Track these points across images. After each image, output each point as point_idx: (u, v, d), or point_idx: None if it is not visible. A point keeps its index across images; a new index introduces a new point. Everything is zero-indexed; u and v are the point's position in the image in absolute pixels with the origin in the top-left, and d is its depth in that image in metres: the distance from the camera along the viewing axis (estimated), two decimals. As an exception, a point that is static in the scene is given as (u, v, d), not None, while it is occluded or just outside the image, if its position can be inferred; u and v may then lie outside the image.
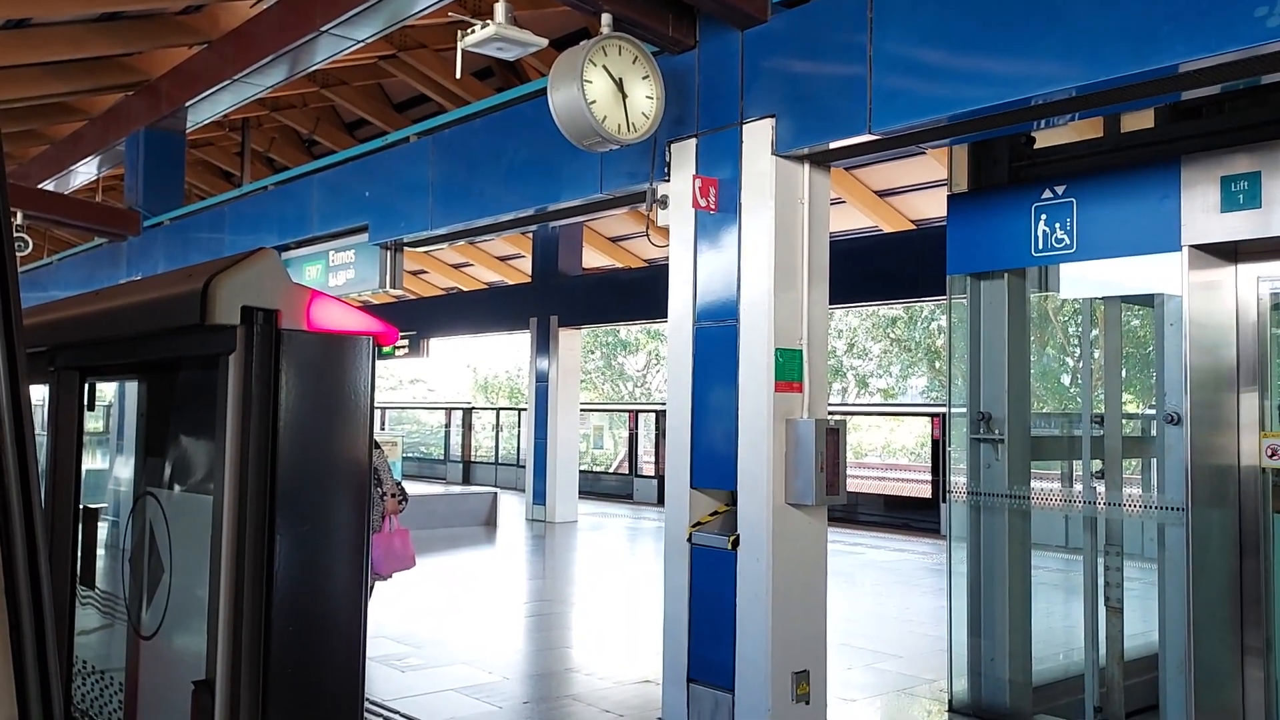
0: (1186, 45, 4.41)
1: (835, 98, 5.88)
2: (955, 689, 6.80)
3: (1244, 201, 5.43)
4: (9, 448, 1.24)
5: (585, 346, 32.81)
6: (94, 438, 3.57)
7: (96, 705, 3.33)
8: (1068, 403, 9.21)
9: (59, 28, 12.90)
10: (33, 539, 1.26)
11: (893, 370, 38.01)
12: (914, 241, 14.02)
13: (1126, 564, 6.41)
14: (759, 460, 6.12)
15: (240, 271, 2.42)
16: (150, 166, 14.52)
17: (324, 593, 2.54)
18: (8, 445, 1.24)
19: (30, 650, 1.25)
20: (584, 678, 7.69)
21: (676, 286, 6.70)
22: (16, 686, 1.24)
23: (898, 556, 14.49)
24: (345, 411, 2.57)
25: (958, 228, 6.83)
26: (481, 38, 6.09)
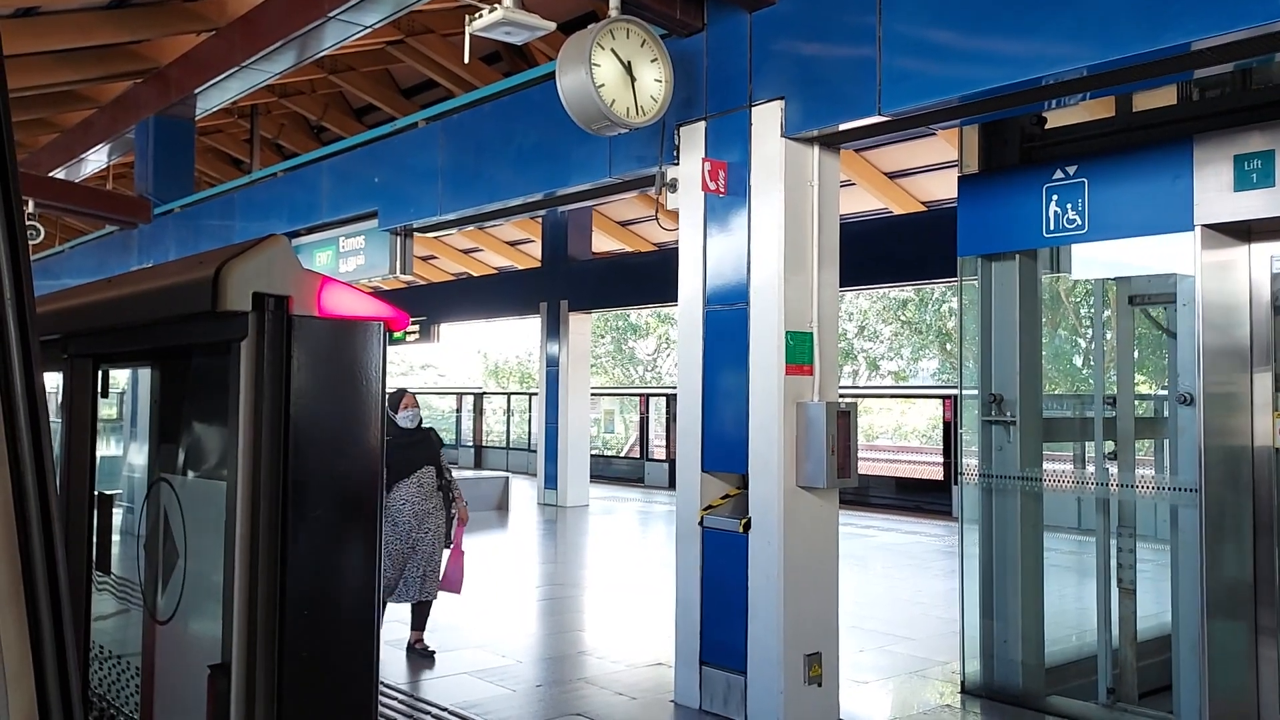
0: (1198, 23, 4.38)
1: (845, 79, 5.85)
2: (968, 671, 6.80)
3: (1257, 180, 5.39)
4: (24, 435, 1.25)
5: (595, 331, 32.85)
6: (108, 424, 3.59)
7: (114, 690, 3.36)
8: (1080, 384, 9.19)
9: (67, 15, 12.91)
10: (48, 525, 1.26)
11: (904, 353, 37.92)
12: (924, 223, 13.97)
13: (1139, 545, 6.39)
14: (770, 443, 6.12)
15: (251, 258, 2.43)
16: (160, 154, 14.54)
17: (338, 577, 2.55)
18: (23, 432, 1.24)
19: (48, 635, 1.25)
20: (596, 661, 7.71)
21: (686, 270, 6.70)
22: (35, 671, 1.25)
23: (909, 539, 14.48)
24: (357, 397, 2.57)
25: (969, 209, 6.81)
26: (489, 22, 6.07)
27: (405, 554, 7.58)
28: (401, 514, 7.61)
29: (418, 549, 7.62)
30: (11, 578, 1.24)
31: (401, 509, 7.60)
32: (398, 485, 7.61)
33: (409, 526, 7.60)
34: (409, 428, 7.79)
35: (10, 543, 1.24)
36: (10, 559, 1.24)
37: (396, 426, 7.71)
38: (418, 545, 7.62)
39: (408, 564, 7.60)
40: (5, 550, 1.24)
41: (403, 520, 7.61)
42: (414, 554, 7.61)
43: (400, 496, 7.62)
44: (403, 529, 7.58)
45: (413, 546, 7.61)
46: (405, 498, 7.63)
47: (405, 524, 7.61)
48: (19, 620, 1.24)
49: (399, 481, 7.61)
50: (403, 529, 7.58)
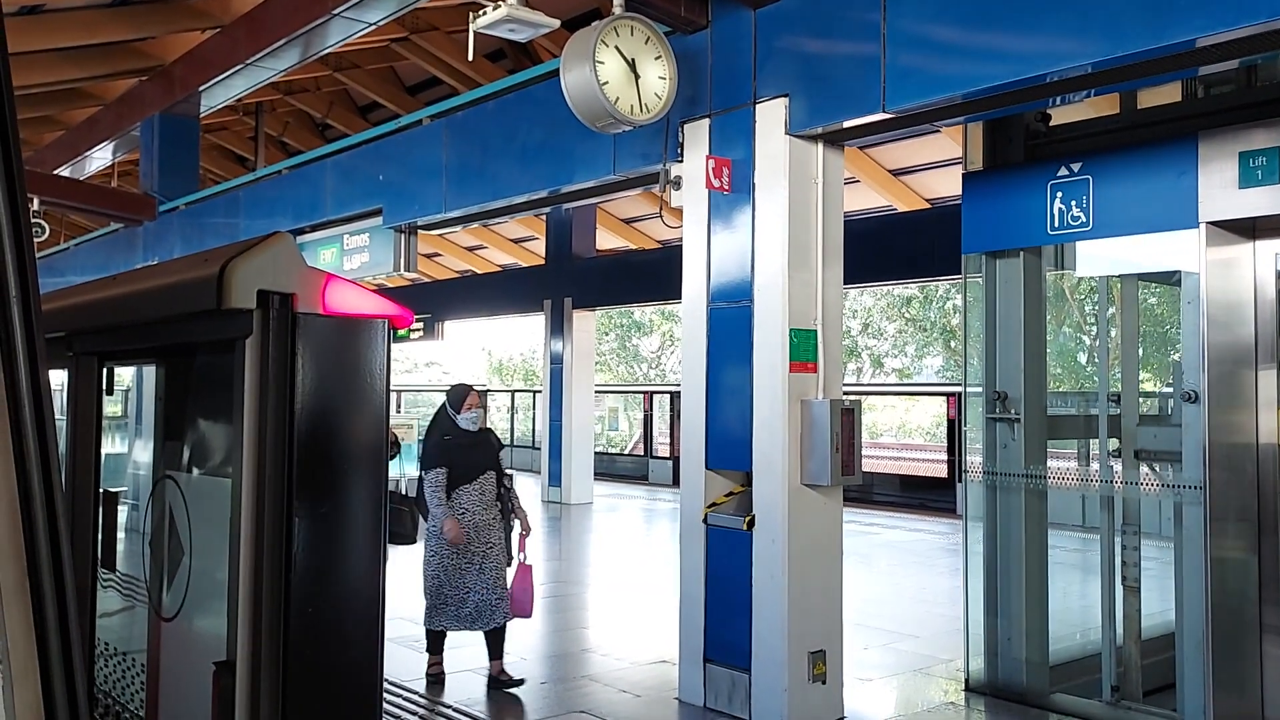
0: (1203, 20, 4.38)
1: (849, 76, 5.85)
2: (972, 669, 6.80)
3: (1262, 177, 5.39)
4: (29, 432, 1.25)
5: (599, 328, 32.80)
6: (113, 422, 3.59)
7: (119, 686, 3.36)
8: (1084, 381, 9.19)
9: (72, 13, 12.91)
10: (54, 523, 1.27)
11: (908, 350, 37.88)
12: (929, 220, 13.96)
13: (1144, 543, 6.39)
14: (774, 441, 6.12)
15: (256, 256, 2.43)
16: (165, 151, 14.56)
17: (343, 574, 2.55)
18: (28, 429, 1.25)
19: (53, 632, 1.26)
20: (600, 658, 7.72)
21: (690, 267, 6.70)
22: (40, 668, 1.25)
23: (914, 536, 14.48)
24: (361, 394, 2.57)
25: (973, 206, 6.80)
26: (493, 19, 6.07)
27: (462, 569, 6.76)
28: (461, 525, 6.82)
29: (484, 567, 6.80)
30: (17, 575, 1.25)
31: (460, 519, 6.80)
32: (458, 492, 6.84)
33: (468, 539, 6.81)
34: (470, 429, 7.01)
35: (16, 540, 1.24)
36: (16, 556, 1.24)
37: (457, 427, 6.97)
38: (484, 563, 6.80)
39: (472, 584, 6.79)
40: (11, 547, 1.24)
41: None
42: (480, 573, 6.79)
43: (460, 505, 6.82)
44: (460, 542, 6.79)
45: (476, 564, 6.78)
46: (466, 506, 6.83)
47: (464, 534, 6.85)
48: (25, 617, 1.25)
49: (460, 488, 6.85)
50: (460, 542, 6.79)
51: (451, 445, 6.91)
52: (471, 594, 6.77)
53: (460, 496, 6.83)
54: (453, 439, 6.93)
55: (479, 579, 6.79)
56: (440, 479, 6.82)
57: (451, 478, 6.83)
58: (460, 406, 6.98)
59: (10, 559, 1.24)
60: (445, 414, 7.05)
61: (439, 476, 6.82)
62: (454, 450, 6.89)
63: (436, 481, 6.81)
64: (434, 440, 7.01)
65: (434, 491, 6.79)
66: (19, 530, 1.25)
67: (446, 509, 6.78)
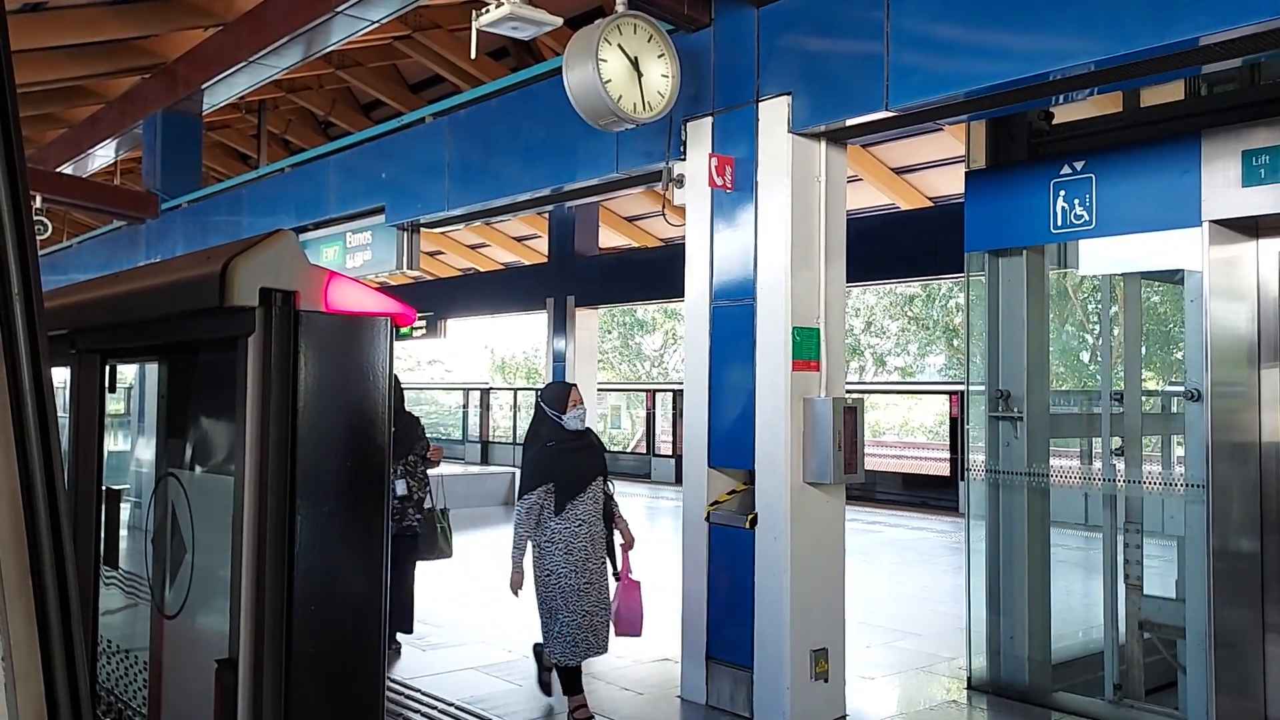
0: (1207, 18, 4.37)
1: (851, 74, 5.85)
2: (974, 667, 6.80)
3: (1265, 176, 5.38)
4: (32, 430, 1.25)
5: (602, 326, 32.79)
6: (115, 420, 3.60)
7: (122, 684, 3.37)
8: (1087, 380, 9.19)
9: (75, 11, 12.92)
10: (57, 520, 1.27)
11: (910, 348, 37.84)
12: (931, 219, 13.96)
13: (1146, 541, 6.38)
14: (777, 439, 6.12)
15: (258, 253, 2.43)
16: (167, 149, 14.56)
17: (345, 572, 2.55)
18: (31, 427, 1.25)
19: (56, 630, 1.26)
20: (602, 656, 7.71)
21: (693, 266, 6.69)
22: (43, 665, 1.26)
23: (916, 535, 14.47)
24: (364, 392, 2.57)
25: (976, 205, 6.80)
26: (496, 17, 6.07)
27: (582, 591, 5.98)
28: (577, 540, 5.99)
29: (598, 588, 6.08)
30: (20, 573, 1.25)
31: (577, 534, 5.99)
32: (571, 506, 6.00)
33: (583, 555, 6.00)
34: (578, 429, 6.20)
35: (19, 538, 1.25)
36: (19, 554, 1.24)
37: (563, 430, 6.13)
38: (595, 583, 6.06)
39: (591, 606, 6.03)
40: (14, 545, 1.24)
41: (578, 548, 5.99)
42: (598, 597, 6.07)
43: (575, 518, 6.00)
44: (577, 559, 5.97)
45: (596, 582, 6.07)
46: (582, 518, 6.02)
47: (580, 552, 6.00)
48: (28, 615, 1.25)
49: (573, 500, 6.01)
50: (577, 559, 5.97)
51: (554, 453, 6.07)
52: (593, 618, 6.05)
53: (574, 509, 6.00)
54: (556, 445, 6.09)
55: (600, 602, 6.08)
56: (536, 503, 6.01)
57: (560, 491, 6.00)
58: (564, 405, 6.14)
59: (13, 556, 1.24)
60: (545, 418, 6.23)
61: (537, 499, 6.01)
62: (558, 459, 6.05)
63: (533, 505, 6.00)
64: (534, 453, 6.17)
65: (526, 518, 6.01)
66: (22, 528, 1.25)
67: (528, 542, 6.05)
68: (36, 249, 1.28)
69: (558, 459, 6.06)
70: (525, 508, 6.02)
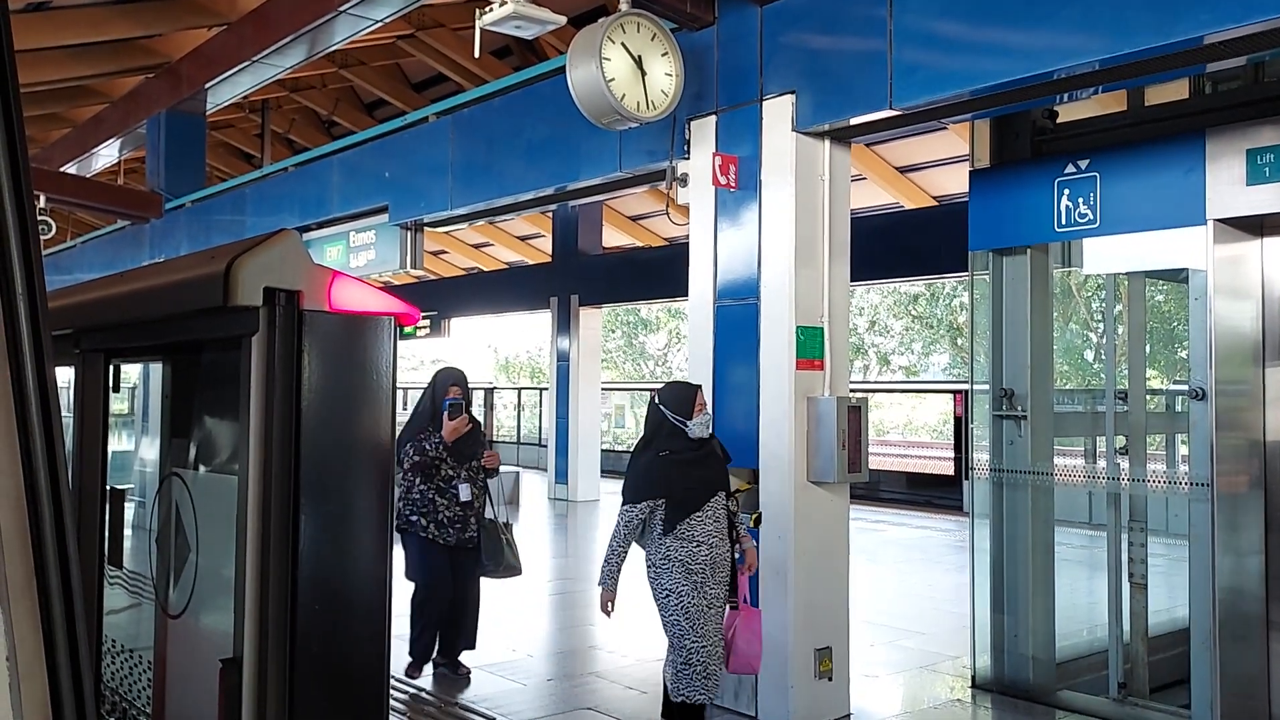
0: (1211, 16, 4.36)
1: (855, 73, 5.84)
2: (978, 665, 6.80)
3: (1270, 174, 5.37)
4: (36, 430, 1.25)
5: (606, 325, 32.83)
6: (119, 419, 3.60)
7: (126, 683, 3.37)
8: (1091, 378, 9.17)
9: (79, 10, 12.93)
10: (61, 520, 1.27)
11: (914, 347, 37.85)
12: (935, 217, 13.93)
13: (1150, 540, 6.38)
14: (781, 438, 6.11)
15: (262, 253, 2.43)
16: (171, 149, 14.57)
17: (349, 571, 2.55)
18: (35, 427, 1.25)
19: (60, 629, 1.26)
20: (607, 655, 7.72)
21: (697, 265, 6.69)
22: (47, 665, 1.26)
23: (920, 533, 14.47)
24: (368, 392, 2.57)
25: (980, 203, 6.79)
26: (499, 16, 6.07)
27: (704, 613, 5.19)
28: (696, 561, 5.17)
29: (720, 614, 5.32)
30: (24, 572, 1.25)
31: (696, 554, 5.17)
32: (687, 525, 5.18)
33: (703, 577, 5.19)
34: (703, 436, 5.35)
35: (23, 537, 1.25)
36: (23, 554, 1.25)
37: (684, 438, 5.31)
38: (717, 607, 5.28)
39: (713, 633, 5.26)
40: (18, 545, 1.24)
41: (697, 570, 5.17)
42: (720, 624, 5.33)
43: (693, 538, 5.17)
44: (698, 578, 5.17)
45: (717, 607, 5.29)
46: (700, 539, 5.18)
47: (700, 574, 5.18)
48: (32, 614, 1.25)
49: (690, 518, 5.19)
50: (698, 578, 5.17)
51: (670, 464, 5.26)
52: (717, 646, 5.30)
53: (690, 529, 5.17)
54: (671, 455, 5.28)
55: (719, 628, 5.31)
56: (639, 518, 5.28)
57: (671, 509, 5.20)
58: (690, 410, 5.31)
59: (17, 556, 1.24)
60: (663, 421, 5.39)
61: (641, 514, 5.28)
62: (674, 471, 5.24)
63: (634, 519, 5.27)
64: (647, 460, 5.37)
65: (625, 533, 5.28)
66: (26, 527, 1.25)
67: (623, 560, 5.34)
68: (40, 249, 1.28)
69: (673, 471, 5.25)
70: (625, 521, 5.28)
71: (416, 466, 6.70)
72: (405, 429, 6.84)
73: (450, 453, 6.77)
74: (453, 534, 6.76)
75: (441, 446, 6.70)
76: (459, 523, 6.78)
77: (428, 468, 6.73)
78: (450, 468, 6.80)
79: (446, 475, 6.79)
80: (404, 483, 6.85)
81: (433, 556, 6.76)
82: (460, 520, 6.79)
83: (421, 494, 6.76)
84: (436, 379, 7.00)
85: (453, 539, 6.76)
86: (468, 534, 6.83)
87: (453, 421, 6.66)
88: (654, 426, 5.43)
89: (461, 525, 6.79)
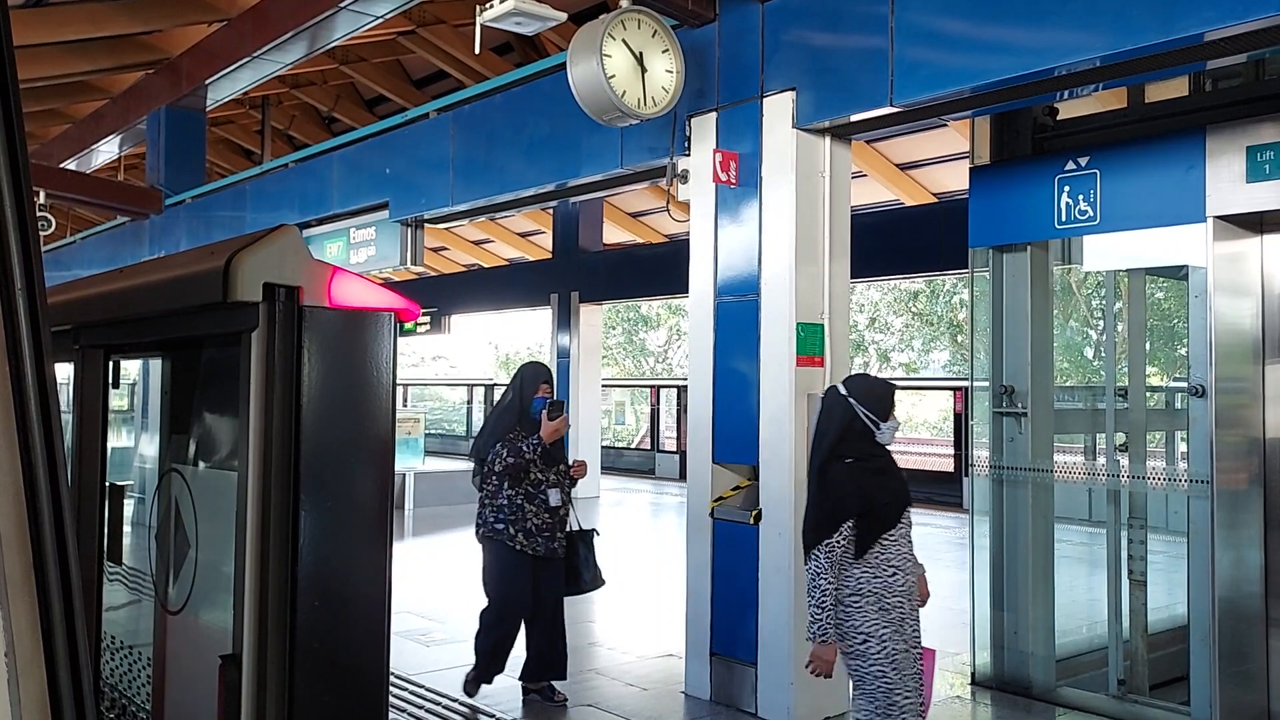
0: (1212, 13, 4.36)
1: (856, 70, 5.84)
2: (978, 662, 6.80)
3: (1270, 171, 5.37)
4: (35, 426, 1.25)
5: (606, 322, 32.82)
6: (119, 415, 3.60)
7: (125, 680, 3.37)
8: (1091, 375, 9.17)
9: (79, 6, 12.93)
10: (60, 516, 1.27)
11: (915, 344, 37.82)
12: (936, 214, 13.93)
13: (1150, 537, 6.38)
14: (781, 435, 6.11)
15: (262, 248, 2.43)
16: (171, 145, 14.57)
17: (349, 567, 2.55)
18: (34, 423, 1.25)
19: (59, 626, 1.26)
20: (607, 652, 7.72)
21: (697, 261, 6.69)
22: (46, 662, 1.26)
23: (920, 530, 14.30)
24: (368, 388, 2.57)
25: (980, 200, 6.79)
26: (500, 12, 6.07)
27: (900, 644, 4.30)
28: (891, 593, 4.30)
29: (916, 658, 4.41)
30: (23, 569, 1.25)
31: (890, 585, 4.31)
32: (881, 545, 4.31)
33: (900, 613, 4.32)
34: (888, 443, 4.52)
35: (22, 534, 1.25)
36: (22, 550, 1.25)
37: (873, 444, 4.44)
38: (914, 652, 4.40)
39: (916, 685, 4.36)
40: (17, 541, 1.24)
41: (893, 604, 4.31)
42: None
43: (888, 563, 4.32)
44: (894, 615, 4.30)
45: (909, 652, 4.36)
46: (896, 564, 4.34)
47: (896, 609, 4.32)
48: (31, 611, 1.25)
49: (885, 537, 4.33)
50: (894, 615, 4.30)
51: (863, 472, 4.40)
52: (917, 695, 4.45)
53: (885, 552, 4.32)
54: (859, 462, 4.40)
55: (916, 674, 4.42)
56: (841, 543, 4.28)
57: (867, 526, 4.31)
58: (888, 411, 4.44)
59: (16, 552, 1.24)
60: (853, 420, 4.42)
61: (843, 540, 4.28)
62: (870, 481, 4.38)
63: (836, 546, 4.27)
64: (841, 472, 4.39)
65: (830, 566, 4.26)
66: (25, 524, 1.25)
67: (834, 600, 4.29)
68: (40, 245, 1.28)
69: (869, 480, 4.37)
70: (828, 555, 4.25)
71: (508, 470, 6.13)
72: (488, 429, 6.47)
73: (540, 455, 6.21)
74: (541, 543, 6.18)
75: (539, 449, 6.16)
76: (547, 531, 6.20)
77: (518, 471, 6.14)
78: (539, 471, 6.22)
79: (535, 479, 6.20)
80: (488, 487, 6.27)
81: (517, 568, 6.19)
82: (549, 529, 6.21)
83: (509, 499, 6.16)
84: (524, 375, 6.54)
85: (541, 549, 6.18)
86: (555, 543, 6.25)
87: (553, 423, 6.15)
88: (841, 426, 4.40)
89: (550, 534, 6.22)
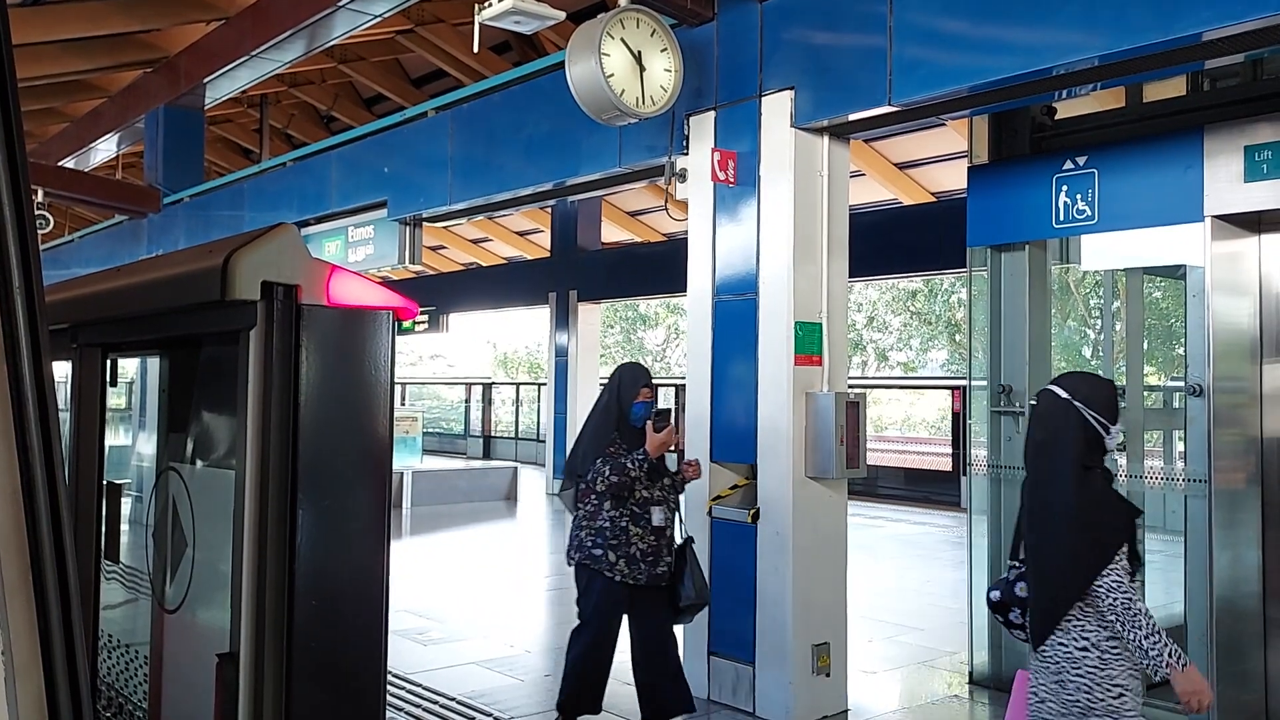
0: (1210, 13, 4.36)
1: (855, 69, 5.84)
2: (976, 661, 6.80)
3: (1267, 171, 5.37)
4: (33, 424, 1.25)
5: (604, 321, 32.81)
6: (116, 414, 3.59)
7: (122, 679, 3.37)
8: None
9: (77, 5, 12.92)
10: (57, 515, 1.26)
11: (913, 343, 37.84)
12: (934, 214, 13.94)
13: (1148, 536, 6.38)
14: (779, 434, 6.12)
15: (260, 247, 2.43)
16: (170, 143, 14.57)
17: (346, 566, 2.55)
18: (31, 422, 1.25)
19: (56, 625, 1.26)
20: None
21: (695, 260, 6.69)
22: (43, 661, 1.25)
23: (918, 529, 14.48)
24: (366, 386, 2.57)
25: (978, 199, 6.79)
26: (499, 11, 6.07)
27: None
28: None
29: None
30: (20, 567, 1.25)
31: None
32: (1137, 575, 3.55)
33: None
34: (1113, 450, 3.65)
35: (19, 532, 1.24)
36: (19, 548, 1.24)
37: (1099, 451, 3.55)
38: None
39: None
40: (14, 540, 1.24)
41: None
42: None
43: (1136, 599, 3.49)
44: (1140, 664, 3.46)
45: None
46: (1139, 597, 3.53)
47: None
48: (28, 610, 1.25)
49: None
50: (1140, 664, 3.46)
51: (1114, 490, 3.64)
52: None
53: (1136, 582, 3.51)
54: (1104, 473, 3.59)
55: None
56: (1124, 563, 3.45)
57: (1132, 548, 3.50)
58: (1116, 413, 3.56)
59: (13, 551, 1.24)
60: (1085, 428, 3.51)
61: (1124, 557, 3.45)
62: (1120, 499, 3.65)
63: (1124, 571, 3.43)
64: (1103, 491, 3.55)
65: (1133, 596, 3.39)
66: (22, 522, 1.25)
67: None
68: (38, 243, 1.28)
69: (1120, 502, 3.61)
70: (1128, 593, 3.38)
71: (611, 489, 5.32)
72: (585, 441, 5.56)
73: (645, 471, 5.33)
74: (644, 570, 5.34)
75: (644, 464, 5.27)
76: (652, 555, 5.37)
77: (621, 490, 5.32)
78: (645, 488, 5.38)
79: (641, 498, 5.37)
80: (585, 507, 5.47)
81: (615, 600, 5.40)
82: (653, 553, 5.37)
83: (612, 521, 5.34)
84: (621, 377, 5.59)
85: (644, 577, 5.34)
86: (659, 568, 5.41)
87: (660, 435, 5.26)
88: (1075, 433, 3.51)
89: (654, 559, 5.38)
